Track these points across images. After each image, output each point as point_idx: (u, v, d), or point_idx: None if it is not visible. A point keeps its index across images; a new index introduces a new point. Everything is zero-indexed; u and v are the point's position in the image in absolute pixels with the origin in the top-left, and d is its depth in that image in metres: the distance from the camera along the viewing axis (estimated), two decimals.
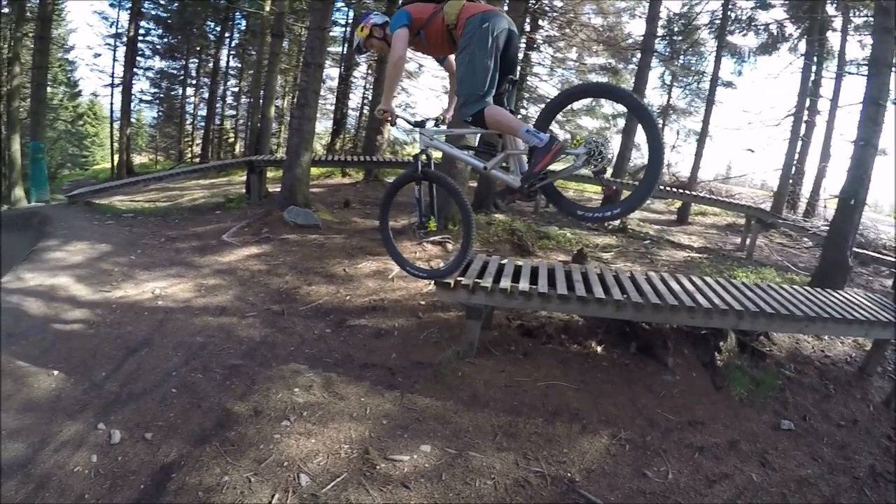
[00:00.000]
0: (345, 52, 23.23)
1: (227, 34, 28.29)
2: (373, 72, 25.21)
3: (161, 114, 33.26)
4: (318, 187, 14.04)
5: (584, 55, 20.41)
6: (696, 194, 13.93)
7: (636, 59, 18.83)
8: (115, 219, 10.88)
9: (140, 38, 26.43)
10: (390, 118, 3.79)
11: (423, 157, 3.93)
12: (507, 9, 9.43)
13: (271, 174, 13.71)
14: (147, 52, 28.75)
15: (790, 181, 14.90)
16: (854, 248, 8.01)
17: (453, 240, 8.70)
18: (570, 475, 3.81)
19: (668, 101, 21.23)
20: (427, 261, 7.92)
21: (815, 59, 15.10)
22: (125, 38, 24.74)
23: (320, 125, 15.84)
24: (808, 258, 11.51)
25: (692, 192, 14.09)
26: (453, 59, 3.73)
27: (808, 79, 14.72)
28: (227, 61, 29.56)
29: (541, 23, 19.44)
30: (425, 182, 4.09)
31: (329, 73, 23.81)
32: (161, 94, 31.61)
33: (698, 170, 16.08)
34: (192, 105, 31.55)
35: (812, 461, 4.36)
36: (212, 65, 29.25)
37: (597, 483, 3.78)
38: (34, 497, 3.40)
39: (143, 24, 26.37)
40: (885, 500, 4.15)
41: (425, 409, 4.41)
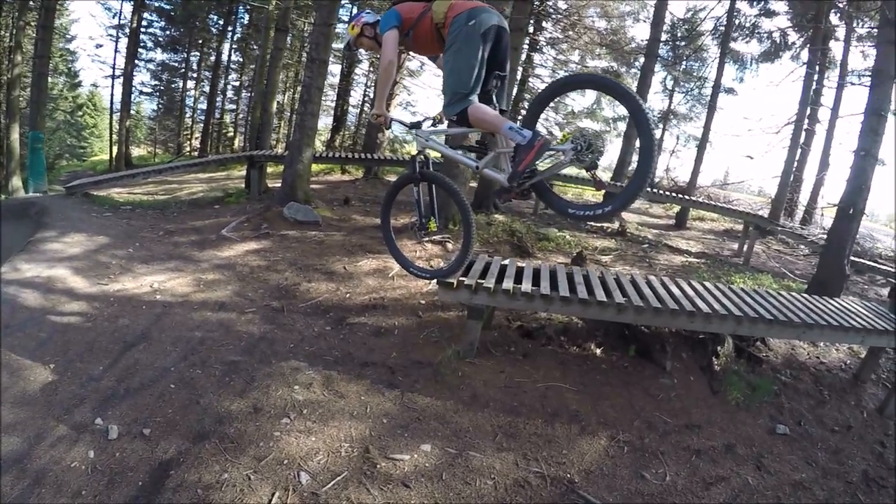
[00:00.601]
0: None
1: (229, 28, 28.24)
2: (374, 69, 25.25)
3: (161, 106, 33.18)
4: (318, 184, 14.03)
5: (586, 58, 20.43)
6: (695, 199, 13.94)
7: (639, 63, 18.92)
8: (114, 211, 10.88)
9: (142, 30, 26.37)
10: (384, 122, 3.80)
11: (421, 157, 3.92)
12: (510, 9, 9.39)
13: (271, 169, 13.68)
14: (149, 43, 28.70)
15: (788, 189, 14.96)
16: (851, 257, 8.05)
17: (453, 239, 8.71)
18: (569, 476, 3.84)
19: (670, 105, 21.29)
20: (427, 260, 7.94)
21: (817, 68, 15.16)
22: (128, 30, 24.66)
23: (321, 122, 15.77)
24: (804, 266, 11.58)
25: (691, 197, 14.11)
26: None
27: (809, 87, 14.75)
28: (229, 55, 29.54)
29: (544, 24, 19.45)
30: (423, 183, 4.08)
31: (330, 69, 23.91)
32: (161, 87, 31.56)
33: (698, 175, 16.11)
34: (192, 98, 31.48)
35: (806, 465, 4.41)
36: (213, 58, 29.18)
37: (596, 484, 3.81)
38: (30, 493, 3.40)
39: (146, 15, 26.30)
40: None
41: (425, 409, 4.42)
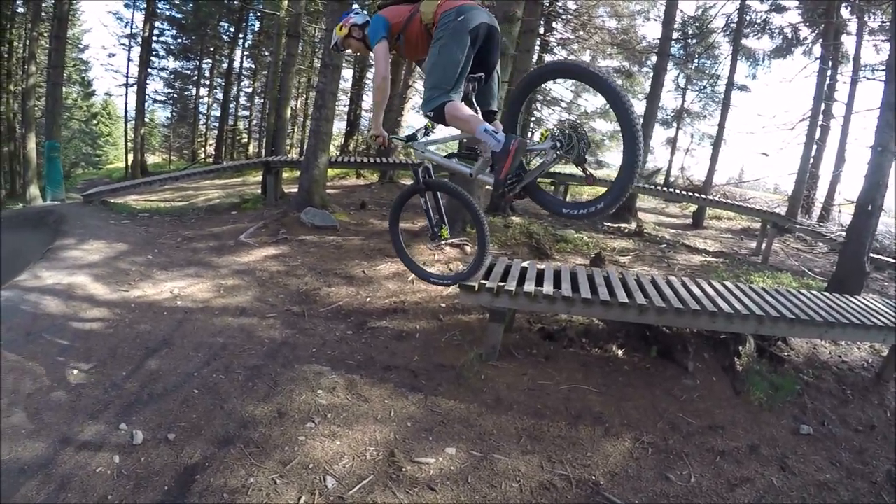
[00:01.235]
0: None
1: (241, 35, 28.43)
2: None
3: (175, 114, 33.51)
4: (333, 188, 14.07)
5: (597, 58, 20.38)
6: (712, 198, 13.87)
7: (650, 62, 18.86)
8: (131, 218, 10.94)
9: (154, 39, 26.61)
10: (384, 141, 3.74)
11: (422, 167, 3.87)
12: (522, 11, 9.38)
13: (286, 175, 13.74)
14: (161, 52, 28.98)
15: (805, 186, 14.85)
16: (870, 254, 7.99)
17: (471, 242, 8.72)
18: (594, 478, 3.82)
19: (683, 104, 21.19)
20: (446, 263, 7.98)
21: (830, 63, 15.05)
22: (140, 39, 24.87)
23: (334, 126, 15.85)
24: (823, 263, 11.47)
25: (707, 196, 14.04)
26: None
27: (823, 83, 14.65)
28: (241, 62, 29.72)
29: (554, 25, 19.42)
30: (429, 192, 4.05)
31: (343, 74, 23.99)
32: (175, 95, 31.85)
33: (714, 173, 16.04)
34: (205, 105, 31.73)
35: (831, 466, 4.36)
36: (226, 65, 29.38)
37: (621, 486, 3.78)
38: (56, 497, 3.40)
39: (157, 24, 26.52)
40: None
41: (449, 412, 4.42)
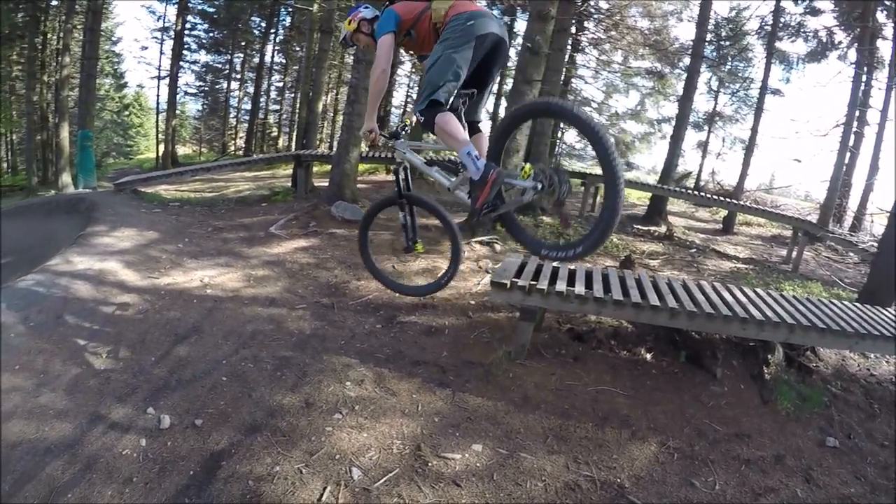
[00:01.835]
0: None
1: (272, 30, 28.69)
2: (417, 71, 25.38)
3: (205, 106, 33.95)
4: (363, 183, 14.16)
5: (629, 58, 20.24)
6: (743, 204, 13.71)
7: (682, 64, 18.66)
8: (162, 207, 11.10)
9: (186, 33, 27.03)
10: (375, 138, 3.62)
11: (403, 176, 3.90)
12: (555, 9, 9.37)
13: (316, 169, 13.83)
14: (193, 45, 29.40)
15: (837, 194, 14.59)
16: None
17: (501, 240, 8.76)
18: (619, 481, 3.80)
19: (715, 107, 20.94)
20: (476, 260, 8.02)
21: (865, 69, 14.76)
22: (172, 32, 25.25)
23: None
24: (854, 274, 11.28)
25: (738, 202, 13.88)
26: None
27: (857, 88, 14.34)
28: (272, 57, 30.00)
29: (586, 24, 19.30)
30: (408, 206, 4.05)
31: None
32: (206, 88, 32.29)
33: (745, 178, 15.83)
34: (236, 99, 32.12)
35: (855, 480, 4.28)
36: (257, 60, 29.66)
37: (646, 490, 3.76)
38: (81, 478, 3.45)
39: (189, 18, 26.90)
40: None
41: (477, 409, 4.43)
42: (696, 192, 15.19)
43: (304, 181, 12.41)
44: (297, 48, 28.25)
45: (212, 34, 29.56)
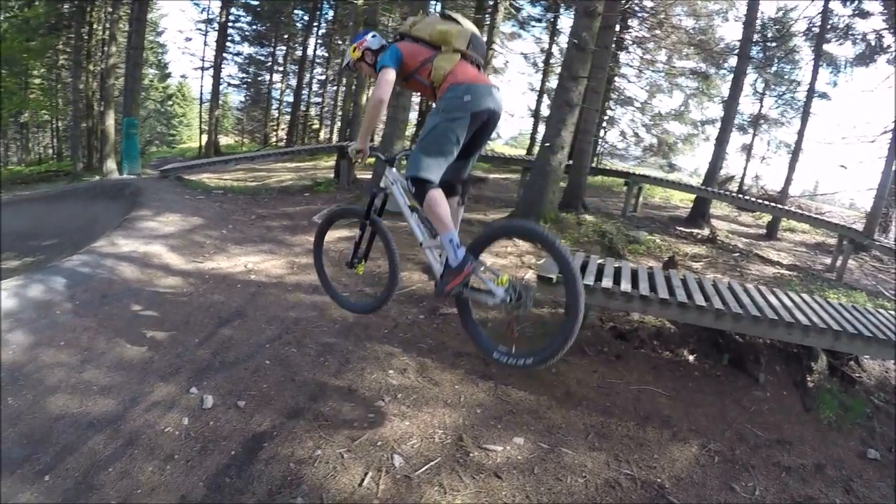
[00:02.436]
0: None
1: (314, 24, 28.97)
2: None
3: (248, 98, 34.48)
4: None
5: (673, 57, 20.00)
6: (788, 209, 13.42)
7: (727, 65, 18.38)
8: (206, 194, 11.37)
9: (230, 24, 27.42)
10: (363, 157, 3.85)
11: (382, 194, 4.03)
12: (602, 7, 9.30)
13: None
14: (236, 37, 29.89)
15: (884, 202, 14.20)
16: None
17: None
18: (659, 481, 3.78)
19: (760, 110, 20.57)
20: (519, 256, 8.06)
21: None
22: (216, 24, 25.72)
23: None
24: None
25: (783, 207, 13.62)
26: None
27: None
28: (315, 50, 30.29)
29: (630, 22, 19.13)
30: (369, 229, 4.22)
31: None
32: (248, 80, 32.77)
33: (790, 184, 15.51)
34: (278, 91, 32.51)
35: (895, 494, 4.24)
36: (299, 53, 30.00)
37: (685, 492, 3.73)
38: (123, 452, 3.50)
39: (233, 10, 27.35)
40: None
41: (519, 402, 4.44)
42: (740, 196, 14.93)
43: (347, 172, 12.57)
44: (340, 42, 28.49)
45: (255, 26, 30.04)
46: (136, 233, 7.85)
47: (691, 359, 5.37)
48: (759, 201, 13.87)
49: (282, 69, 32.26)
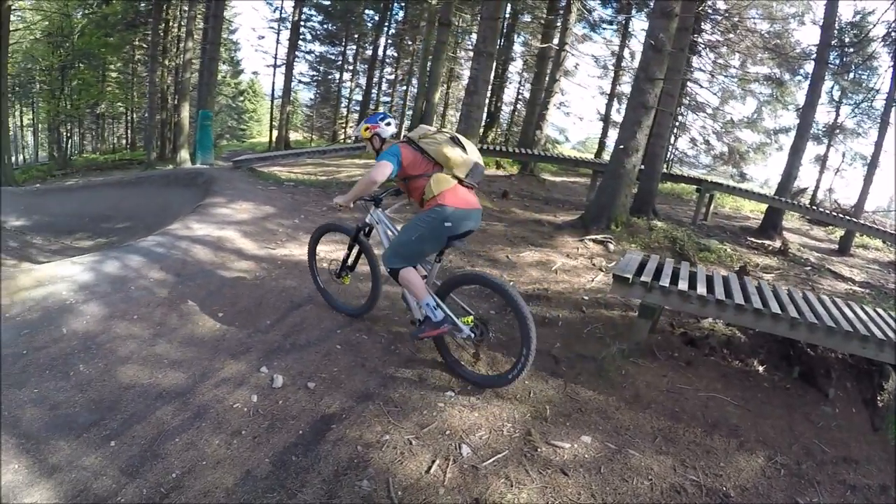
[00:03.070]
0: (501, 44, 23.46)
1: (385, 24, 29.38)
2: (528, 67, 25.42)
3: (318, 95, 35.20)
4: None
5: (747, 62, 19.51)
6: (863, 223, 12.94)
7: (802, 71, 17.80)
8: (277, 186, 11.71)
9: (302, 24, 28.09)
10: (344, 209, 4.61)
11: (367, 227, 4.87)
12: (679, 8, 9.18)
13: None
14: (308, 36, 30.64)
15: None
16: None
17: (614, 240, 8.86)
18: (724, 489, 3.73)
19: (836, 119, 19.78)
20: (589, 258, 8.11)
21: None
22: (289, 23, 26.43)
23: None
24: None
25: (858, 221, 13.14)
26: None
27: None
28: (385, 50, 30.71)
29: (703, 25, 18.76)
30: (357, 247, 5.14)
31: None
32: (318, 77, 33.49)
33: (866, 197, 14.94)
34: (347, 89, 33.10)
35: None
36: (369, 52, 30.48)
37: (750, 502, 3.68)
38: (190, 424, 3.64)
39: (305, 10, 28.00)
40: None
41: (588, 401, 4.46)
42: (814, 208, 14.49)
43: None
44: (409, 42, 28.87)
45: (326, 26, 30.69)
46: (210, 218, 8.21)
47: (761, 369, 5.32)
48: (836, 214, 13.45)
49: (352, 68, 32.90)
